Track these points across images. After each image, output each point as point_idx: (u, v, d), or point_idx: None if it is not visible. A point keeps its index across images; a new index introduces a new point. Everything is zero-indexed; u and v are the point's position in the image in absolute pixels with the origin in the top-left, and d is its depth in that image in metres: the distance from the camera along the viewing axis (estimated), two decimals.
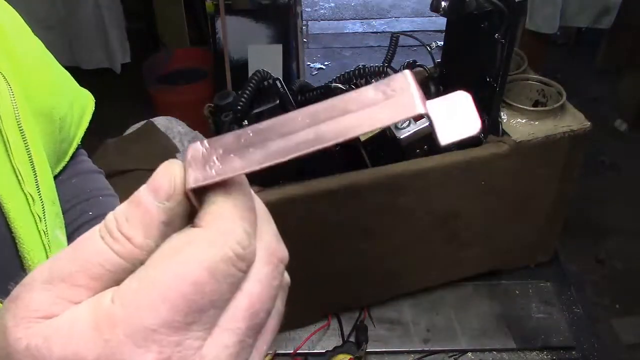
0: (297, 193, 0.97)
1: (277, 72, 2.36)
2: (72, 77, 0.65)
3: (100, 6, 2.44)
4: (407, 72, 0.26)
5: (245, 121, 1.02)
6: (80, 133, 0.66)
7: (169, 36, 2.70)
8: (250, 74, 1.09)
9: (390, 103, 0.25)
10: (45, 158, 0.54)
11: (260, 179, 0.97)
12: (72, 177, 0.65)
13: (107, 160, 1.34)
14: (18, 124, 0.48)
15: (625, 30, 2.75)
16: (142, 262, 0.25)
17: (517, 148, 1.06)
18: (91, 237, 0.25)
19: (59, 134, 0.60)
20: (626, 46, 2.85)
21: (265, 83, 1.09)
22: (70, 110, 0.62)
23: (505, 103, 1.10)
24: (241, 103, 1.03)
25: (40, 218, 0.48)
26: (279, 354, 1.14)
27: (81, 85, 0.67)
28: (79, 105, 0.65)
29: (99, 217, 0.63)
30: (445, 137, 0.26)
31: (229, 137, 0.27)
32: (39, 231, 0.48)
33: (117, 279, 0.25)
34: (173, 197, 0.25)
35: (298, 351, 1.13)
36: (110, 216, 0.26)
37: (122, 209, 0.26)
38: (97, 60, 2.55)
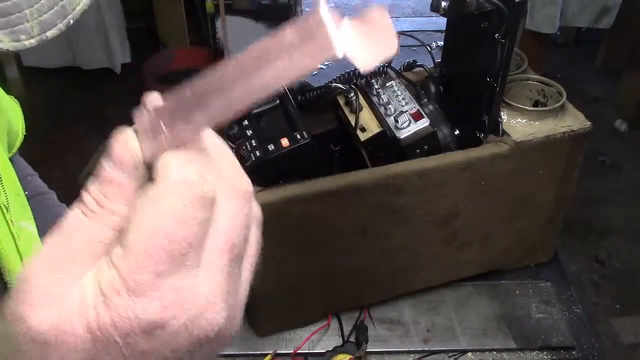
0: (297, 193, 0.97)
1: None
2: None
3: (100, 6, 2.44)
4: (321, 3, 0.25)
5: (245, 121, 1.02)
6: (22, 127, 0.69)
7: (169, 36, 2.71)
8: None
9: (309, 47, 0.25)
10: (4, 151, 0.55)
11: (260, 179, 0.97)
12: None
13: None
14: None
15: (625, 30, 2.76)
16: None
17: (517, 148, 1.06)
18: (79, 220, 0.28)
19: (7, 124, 0.62)
20: (626, 46, 2.85)
21: None
22: (6, 100, 0.65)
23: (505, 103, 1.10)
24: None
25: (6, 208, 0.50)
26: (279, 354, 1.14)
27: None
28: (11, 100, 0.68)
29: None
30: (365, 65, 0.26)
31: (171, 103, 0.29)
32: (6, 221, 0.50)
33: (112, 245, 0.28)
34: (139, 167, 0.28)
35: (298, 351, 1.13)
36: (87, 198, 0.28)
37: (95, 189, 0.28)
38: (97, 60, 2.55)
